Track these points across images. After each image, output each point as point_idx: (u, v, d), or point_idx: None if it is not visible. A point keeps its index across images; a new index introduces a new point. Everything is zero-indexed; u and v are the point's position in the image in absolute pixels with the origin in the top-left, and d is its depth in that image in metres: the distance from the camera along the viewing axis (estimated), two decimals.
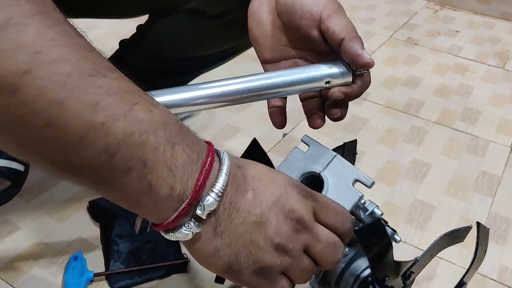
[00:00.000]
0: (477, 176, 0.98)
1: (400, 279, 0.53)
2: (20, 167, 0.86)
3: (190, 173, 0.34)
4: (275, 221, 0.38)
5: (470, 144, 1.07)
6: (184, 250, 0.76)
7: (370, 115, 1.14)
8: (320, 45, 0.51)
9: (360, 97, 0.52)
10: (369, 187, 0.52)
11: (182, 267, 0.73)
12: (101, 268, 0.73)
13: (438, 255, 0.52)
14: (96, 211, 0.81)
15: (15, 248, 0.75)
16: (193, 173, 0.35)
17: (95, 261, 0.74)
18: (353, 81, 0.49)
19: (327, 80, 0.49)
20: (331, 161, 0.53)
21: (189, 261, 0.73)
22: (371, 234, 0.48)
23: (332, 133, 1.04)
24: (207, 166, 0.35)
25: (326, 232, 0.40)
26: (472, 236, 0.51)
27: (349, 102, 0.53)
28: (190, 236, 0.35)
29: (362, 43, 0.48)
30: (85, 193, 0.85)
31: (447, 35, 1.56)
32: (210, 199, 0.35)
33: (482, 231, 0.53)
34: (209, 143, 0.38)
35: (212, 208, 0.35)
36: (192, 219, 0.35)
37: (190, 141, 0.35)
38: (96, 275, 0.70)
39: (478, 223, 0.52)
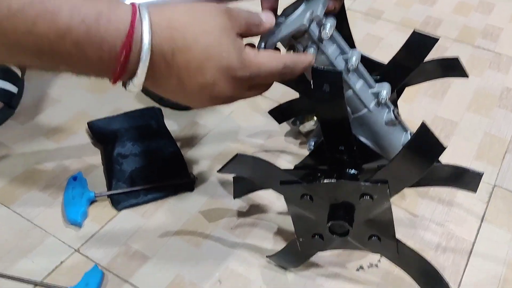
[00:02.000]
0: (501, 92, 0.92)
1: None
2: (13, 89, 0.81)
3: (107, 66, 0.39)
4: (199, 102, 0.45)
5: (493, 61, 1.00)
6: (190, 169, 0.71)
7: (384, 33, 1.06)
8: None
9: (374, 15, 0.49)
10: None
11: (189, 185, 0.68)
12: (103, 189, 0.68)
13: None
14: (96, 132, 0.76)
15: (11, 172, 0.71)
16: (110, 66, 0.39)
17: (97, 182, 0.70)
18: None
19: None
20: None
21: (196, 179, 0.69)
22: (325, 81, 0.47)
23: None
24: (120, 63, 0.39)
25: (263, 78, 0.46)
26: None
27: (362, 21, 0.53)
28: (136, 90, 0.42)
29: None
30: (83, 115, 0.80)
31: None
32: (132, 87, 0.41)
33: None
34: (133, 16, 0.39)
35: (136, 91, 0.42)
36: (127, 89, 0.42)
37: (99, 39, 0.38)
38: (97, 195, 0.66)
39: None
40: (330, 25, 0.47)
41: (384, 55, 0.56)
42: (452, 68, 0.60)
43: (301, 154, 0.76)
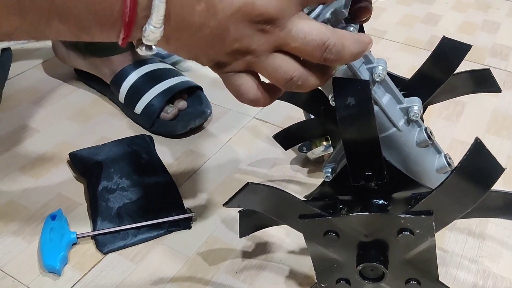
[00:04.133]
0: None
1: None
2: None
3: (112, 5, 0.30)
4: (234, 30, 0.33)
5: (506, 80, 0.94)
6: (187, 203, 0.63)
7: (390, 53, 1.00)
8: None
9: (377, 34, 0.41)
10: None
11: (185, 223, 0.60)
12: (87, 229, 0.59)
13: None
14: (79, 163, 0.67)
15: None
16: (115, 4, 0.30)
17: (79, 221, 0.61)
18: None
19: None
20: None
21: (193, 215, 0.60)
22: (350, 92, 0.39)
23: None
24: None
25: (308, 29, 0.34)
26: None
27: None
28: (150, 53, 0.33)
29: None
30: (65, 146, 0.72)
31: None
32: (149, 33, 0.31)
33: None
34: None
35: (158, 38, 0.32)
36: (142, 43, 0.32)
37: None
38: (79, 236, 0.57)
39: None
40: (353, 26, 0.40)
41: None
42: (484, 81, 0.53)
43: (310, 183, 0.68)
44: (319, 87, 0.45)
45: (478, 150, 0.34)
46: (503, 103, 0.87)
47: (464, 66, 0.49)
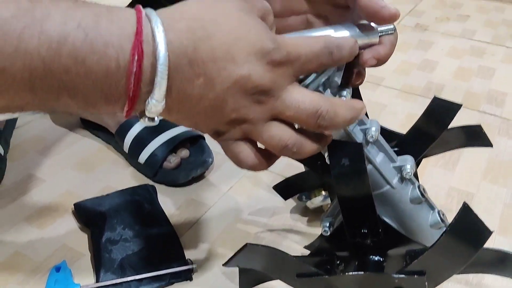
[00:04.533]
0: None
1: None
2: None
3: (117, 81, 0.32)
4: (232, 101, 0.35)
5: (501, 127, 0.96)
6: (188, 254, 0.64)
7: (387, 100, 1.03)
8: None
9: (374, 82, 0.44)
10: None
11: (187, 274, 0.61)
12: (90, 280, 0.60)
13: None
14: (83, 214, 0.68)
15: None
16: (120, 81, 0.32)
17: (83, 272, 0.62)
18: (379, 42, 0.42)
19: None
20: None
21: (194, 267, 0.61)
22: (344, 154, 0.41)
23: None
24: (134, 73, 0.31)
25: (300, 97, 0.37)
26: None
27: (361, 87, 0.47)
28: (153, 124, 0.35)
29: None
30: (70, 195, 0.73)
31: (458, 20, 1.46)
32: (152, 107, 0.33)
33: None
34: (138, 14, 0.32)
35: (160, 111, 0.34)
36: (145, 115, 0.34)
37: (102, 43, 0.31)
38: None
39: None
40: (347, 91, 0.42)
41: (388, 123, 0.53)
42: (475, 136, 0.55)
43: (309, 233, 0.69)
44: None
45: (466, 214, 0.35)
46: (499, 150, 0.89)
47: (461, 112, 0.51)
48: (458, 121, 0.51)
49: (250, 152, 0.39)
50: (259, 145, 0.40)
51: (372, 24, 0.43)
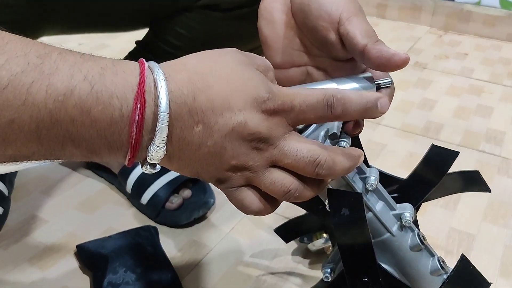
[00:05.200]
0: None
1: None
2: None
3: (121, 130, 0.33)
4: (230, 148, 0.36)
5: (501, 167, 0.97)
6: None
7: (387, 139, 1.04)
8: (337, 50, 0.45)
9: (374, 121, 0.45)
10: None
11: None
12: None
13: None
14: (85, 256, 0.69)
15: None
16: (123, 129, 0.33)
17: None
18: None
19: None
20: None
21: None
22: (344, 204, 0.42)
23: None
24: (136, 122, 0.33)
25: (299, 146, 0.38)
26: None
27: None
28: (154, 170, 0.36)
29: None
30: (72, 236, 0.74)
31: (456, 58, 1.49)
32: (153, 153, 0.34)
33: None
34: (141, 66, 0.34)
35: (161, 157, 0.35)
36: (146, 162, 0.35)
37: (107, 95, 0.32)
38: None
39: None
40: (346, 141, 0.43)
41: (388, 162, 0.53)
42: (473, 181, 0.56)
43: (311, 276, 0.69)
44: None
45: (464, 266, 0.36)
46: (499, 191, 0.89)
47: (460, 152, 0.52)
48: (457, 160, 0.51)
49: (254, 198, 0.39)
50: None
51: (369, 75, 0.44)
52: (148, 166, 0.36)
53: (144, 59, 0.36)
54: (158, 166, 0.36)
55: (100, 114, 0.32)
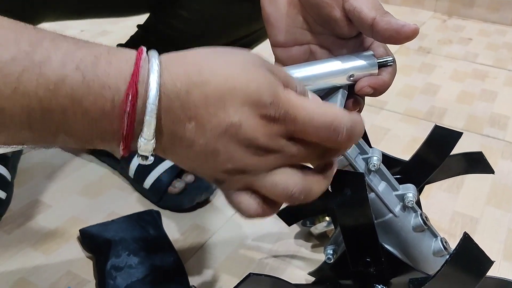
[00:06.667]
0: None
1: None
2: (2, 194, 0.75)
3: (112, 121, 0.32)
4: (224, 150, 0.34)
5: (505, 150, 0.96)
6: (192, 280, 0.64)
7: (390, 124, 1.04)
8: (341, 27, 0.44)
9: (378, 105, 0.44)
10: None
11: None
12: None
13: None
14: (88, 240, 0.69)
15: None
16: (115, 120, 0.32)
17: None
18: (378, 73, 0.43)
19: (350, 74, 0.42)
20: None
21: None
22: (346, 184, 0.42)
23: None
24: (127, 113, 0.32)
25: (302, 149, 0.35)
26: None
27: (366, 112, 0.46)
28: (147, 162, 0.34)
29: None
30: (75, 221, 0.74)
31: (460, 43, 1.48)
32: (142, 145, 0.33)
33: None
34: (138, 55, 0.33)
35: (150, 149, 0.33)
36: (138, 153, 0.34)
37: (99, 85, 0.31)
38: None
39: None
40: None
41: (392, 146, 0.53)
42: (476, 163, 0.56)
43: (314, 259, 0.69)
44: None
45: (467, 244, 0.36)
46: (503, 175, 0.89)
47: (464, 136, 0.51)
48: (461, 144, 0.51)
49: (252, 202, 0.36)
50: None
51: (371, 53, 0.44)
52: (140, 158, 0.34)
53: (144, 47, 0.34)
54: (151, 158, 0.34)
55: (92, 104, 0.31)
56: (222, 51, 0.35)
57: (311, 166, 0.38)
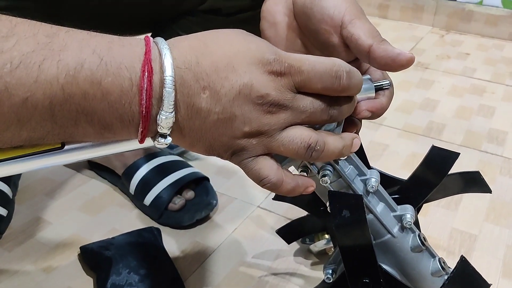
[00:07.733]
0: None
1: None
2: (3, 211, 0.75)
3: (131, 100, 0.34)
4: (240, 113, 0.36)
5: (503, 167, 0.97)
6: None
7: (389, 140, 1.04)
8: (339, 52, 0.45)
9: (376, 121, 0.45)
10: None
11: None
12: None
13: None
14: (89, 258, 0.69)
15: None
16: (133, 98, 0.34)
17: None
18: (376, 96, 0.44)
19: None
20: None
21: None
22: (345, 205, 0.43)
23: None
24: (145, 89, 0.33)
25: (310, 101, 0.38)
26: None
27: (364, 128, 0.48)
28: (165, 146, 0.36)
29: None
30: (76, 238, 0.74)
31: (458, 58, 1.49)
32: (162, 120, 0.35)
33: None
34: (146, 38, 0.35)
35: (170, 124, 0.35)
36: (158, 134, 0.36)
37: (116, 65, 0.33)
38: None
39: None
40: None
41: (390, 163, 0.53)
42: (474, 182, 0.56)
43: (313, 276, 0.69)
44: (318, 194, 0.49)
45: (463, 267, 0.36)
46: (501, 191, 0.89)
47: (462, 152, 0.52)
48: (459, 161, 0.52)
49: (272, 165, 0.38)
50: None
51: (368, 77, 0.44)
52: (160, 138, 0.36)
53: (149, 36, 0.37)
54: (169, 138, 0.36)
55: (111, 85, 0.33)
56: (217, 30, 0.38)
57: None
